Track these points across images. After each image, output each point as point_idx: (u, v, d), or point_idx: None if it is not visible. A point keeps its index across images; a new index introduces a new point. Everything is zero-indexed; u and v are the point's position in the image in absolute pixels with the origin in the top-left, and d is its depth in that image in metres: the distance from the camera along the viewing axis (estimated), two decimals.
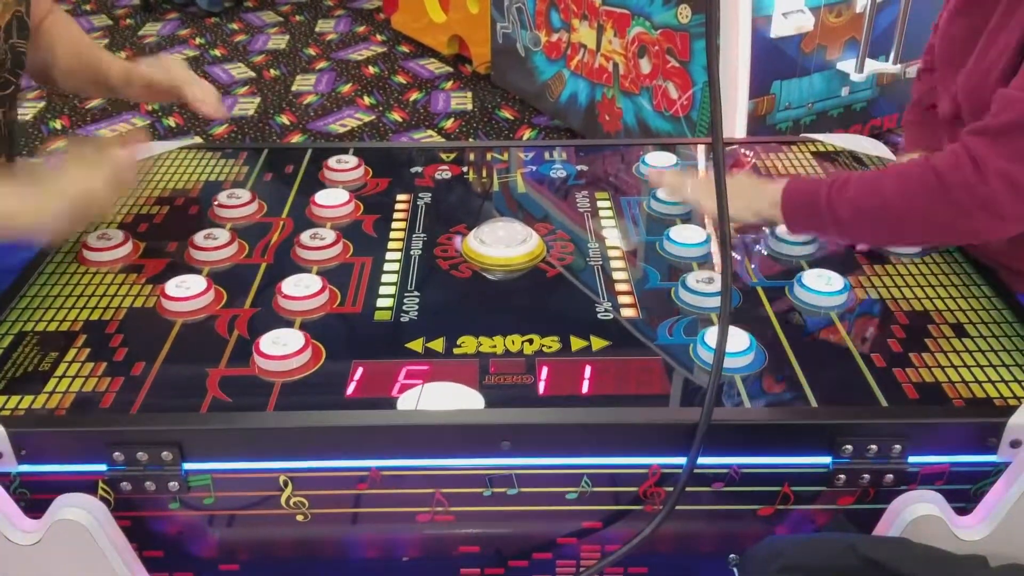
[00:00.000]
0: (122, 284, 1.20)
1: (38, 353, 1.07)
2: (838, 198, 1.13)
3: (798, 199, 1.18)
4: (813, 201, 1.16)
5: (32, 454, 0.97)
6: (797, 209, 1.18)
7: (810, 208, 1.16)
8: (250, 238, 1.30)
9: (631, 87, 2.78)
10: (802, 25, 2.49)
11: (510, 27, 3.29)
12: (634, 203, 1.41)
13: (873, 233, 1.18)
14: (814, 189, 1.16)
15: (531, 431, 0.97)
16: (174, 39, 4.26)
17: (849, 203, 1.13)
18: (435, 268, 1.24)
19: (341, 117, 3.39)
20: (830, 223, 1.15)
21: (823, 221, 1.16)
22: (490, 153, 1.59)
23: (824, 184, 1.16)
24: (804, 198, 1.17)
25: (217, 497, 1.00)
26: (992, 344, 1.07)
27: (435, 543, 1.05)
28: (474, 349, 1.08)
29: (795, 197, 1.18)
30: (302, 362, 1.04)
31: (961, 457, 0.98)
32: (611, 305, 1.16)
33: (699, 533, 1.05)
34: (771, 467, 0.99)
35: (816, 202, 1.15)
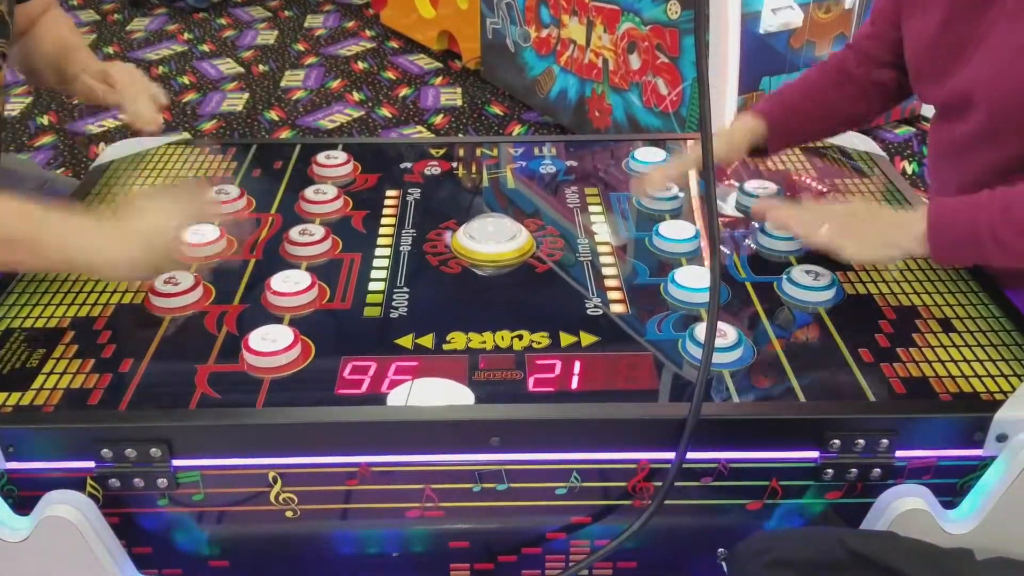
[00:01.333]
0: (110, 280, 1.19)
1: (25, 350, 1.06)
2: (1003, 226, 1.03)
3: (952, 232, 1.06)
4: (972, 232, 1.05)
5: (20, 451, 0.96)
6: (951, 242, 1.07)
7: (968, 239, 1.06)
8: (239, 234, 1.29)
9: (621, 83, 2.78)
10: (791, 21, 2.49)
11: (500, 23, 3.29)
12: (623, 199, 1.41)
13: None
14: (970, 219, 1.05)
15: (520, 427, 0.97)
16: (162, 34, 4.24)
17: (1016, 229, 1.03)
18: (425, 264, 1.24)
19: (330, 113, 3.39)
20: (993, 252, 1.05)
21: (983, 250, 1.05)
22: (480, 149, 1.59)
23: (981, 210, 1.05)
24: (959, 230, 1.06)
25: (206, 493, 1.00)
26: (979, 339, 1.08)
27: (425, 539, 1.05)
28: (464, 345, 1.08)
29: (948, 230, 1.07)
30: (291, 358, 1.04)
31: (948, 451, 0.99)
32: (600, 301, 1.16)
33: (688, 528, 1.06)
34: (759, 462, 0.99)
35: (976, 232, 1.05)
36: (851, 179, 1.46)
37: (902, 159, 2.88)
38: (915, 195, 1.41)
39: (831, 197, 1.41)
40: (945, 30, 1.20)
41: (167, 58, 3.95)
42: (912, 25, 1.26)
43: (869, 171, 1.48)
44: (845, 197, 1.40)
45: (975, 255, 1.09)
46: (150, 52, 4.02)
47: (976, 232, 1.05)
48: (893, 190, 1.42)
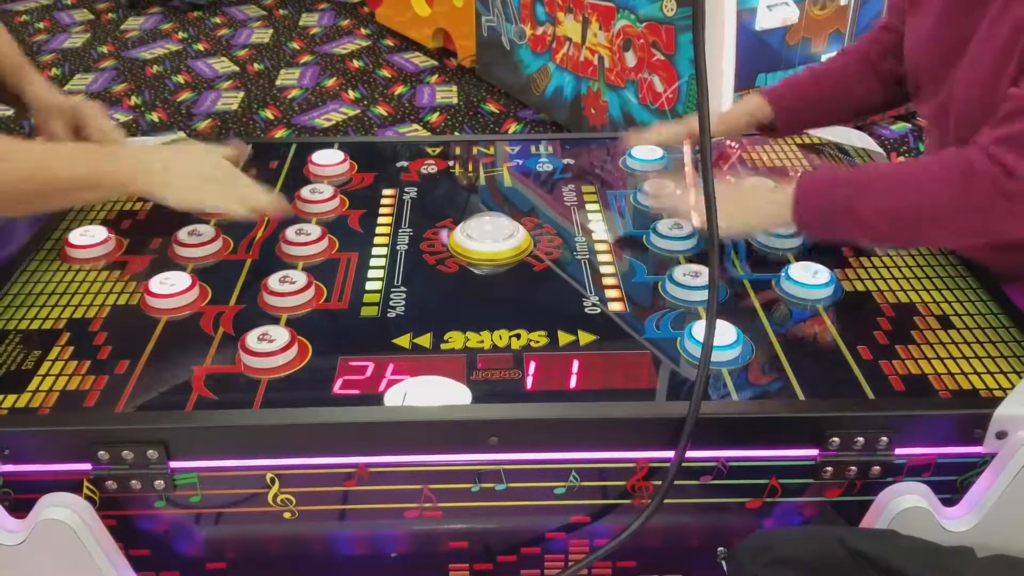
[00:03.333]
0: (105, 281, 1.19)
1: (21, 352, 1.06)
2: (859, 199, 1.08)
3: (813, 200, 1.11)
4: (830, 201, 1.10)
5: (16, 454, 0.96)
6: (812, 209, 1.11)
7: (827, 208, 1.11)
8: (235, 234, 1.29)
9: (616, 80, 2.78)
10: (787, 18, 2.49)
11: (495, 20, 3.28)
12: (621, 196, 1.41)
13: (896, 234, 1.13)
14: (831, 189, 1.11)
15: (519, 426, 0.97)
16: (156, 33, 4.23)
17: (871, 208, 1.08)
18: (422, 263, 1.24)
19: (326, 111, 3.38)
20: (848, 224, 1.10)
21: (840, 221, 1.10)
22: (476, 147, 1.58)
23: (844, 183, 1.11)
24: (820, 199, 1.11)
25: (203, 495, 1.00)
26: (978, 336, 1.08)
27: (423, 539, 1.05)
28: (461, 344, 1.07)
29: (810, 198, 1.11)
30: (288, 359, 1.04)
31: (947, 449, 0.98)
32: (598, 299, 1.16)
33: (687, 526, 1.06)
34: (759, 460, 0.99)
35: (833, 201, 1.10)
36: None
37: (898, 155, 2.88)
38: None
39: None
40: (936, 33, 1.19)
41: (162, 57, 3.95)
42: (911, 25, 1.25)
43: None
44: None
45: (834, 227, 1.12)
46: (144, 51, 4.02)
47: (834, 201, 1.09)
48: None
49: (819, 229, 1.15)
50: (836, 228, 1.13)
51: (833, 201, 1.11)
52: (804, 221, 1.12)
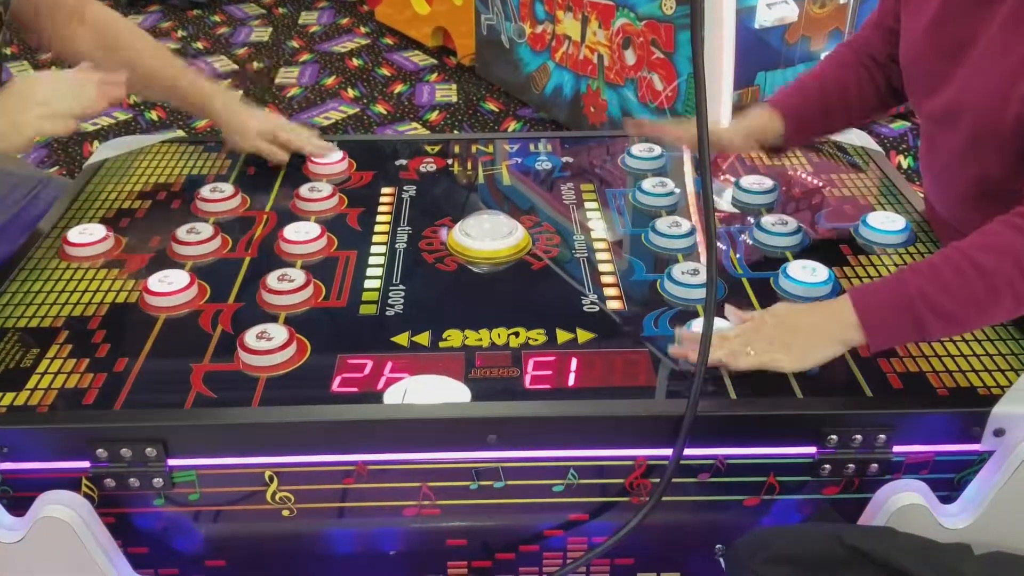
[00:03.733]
0: (104, 279, 1.19)
1: (20, 349, 1.06)
2: (934, 290, 0.97)
3: (884, 311, 0.99)
4: (906, 304, 0.98)
5: (15, 451, 0.96)
6: (885, 320, 0.99)
7: (903, 313, 0.98)
8: (233, 232, 1.29)
9: (616, 79, 2.78)
10: (786, 16, 2.49)
11: (495, 19, 3.28)
12: (619, 195, 1.41)
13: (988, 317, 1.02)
14: (898, 292, 0.98)
15: (517, 424, 0.97)
16: (156, 32, 4.22)
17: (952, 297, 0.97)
18: (420, 261, 1.24)
19: (325, 110, 3.38)
20: (931, 320, 0.97)
21: (922, 321, 0.97)
22: (475, 145, 1.58)
23: (907, 282, 0.98)
24: (891, 307, 0.98)
25: (202, 493, 1.00)
26: (976, 334, 1.07)
27: (422, 537, 1.05)
28: (460, 342, 1.07)
29: (878, 310, 0.99)
30: (287, 357, 1.04)
31: (945, 446, 0.99)
32: (597, 297, 1.16)
33: (686, 524, 1.06)
34: (757, 458, 0.99)
35: (910, 304, 0.97)
36: (847, 174, 1.45)
37: (897, 153, 2.87)
38: (911, 190, 1.41)
39: None
40: (934, 34, 1.17)
41: None
42: (906, 22, 1.24)
43: (865, 166, 1.48)
44: (839, 191, 1.40)
45: (914, 330, 0.98)
46: None
47: (910, 303, 0.97)
48: (889, 185, 1.42)
49: (893, 336, 1.00)
50: (914, 329, 0.99)
51: (907, 301, 0.97)
52: (875, 331, 0.98)
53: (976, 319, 1.02)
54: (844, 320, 0.99)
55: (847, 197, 1.39)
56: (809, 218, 1.34)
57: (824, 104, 1.34)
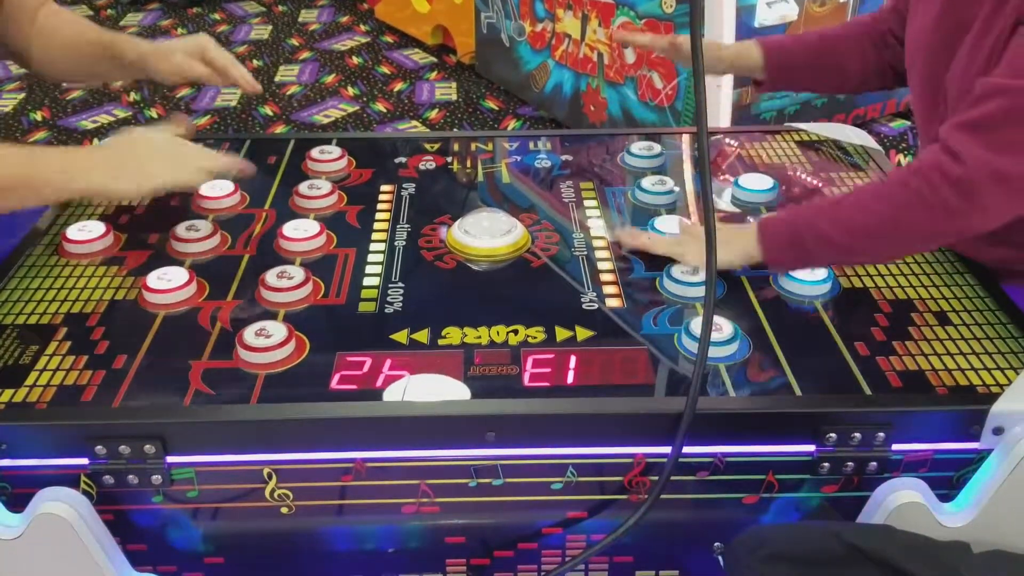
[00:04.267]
0: (103, 276, 1.19)
1: (18, 346, 1.06)
2: (823, 225, 1.09)
3: (775, 228, 1.13)
4: (792, 227, 1.12)
5: (13, 448, 0.96)
6: (776, 238, 1.13)
7: (791, 234, 1.12)
8: (233, 229, 1.29)
9: (616, 77, 2.78)
10: (786, 14, 2.49)
11: (494, 17, 3.28)
12: (619, 193, 1.41)
13: (869, 253, 1.14)
14: (791, 216, 1.15)
15: (516, 422, 0.97)
16: (155, 30, 4.22)
17: (838, 227, 1.09)
18: (419, 259, 1.24)
19: (325, 108, 3.38)
20: (818, 253, 1.12)
21: (805, 246, 1.11)
22: (475, 143, 1.58)
23: (803, 209, 1.14)
24: (781, 225, 1.13)
25: (201, 490, 1.00)
26: (975, 332, 1.08)
27: (421, 534, 1.05)
28: (459, 340, 1.07)
29: (771, 226, 1.13)
30: (286, 354, 1.04)
31: (944, 444, 0.99)
32: (596, 295, 1.16)
33: (684, 522, 1.06)
34: (756, 456, 0.99)
35: (796, 228, 1.11)
36: (846, 172, 1.45)
37: (897, 152, 2.88)
38: None
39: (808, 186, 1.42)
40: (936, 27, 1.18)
41: None
42: (914, 12, 1.25)
43: (864, 164, 1.48)
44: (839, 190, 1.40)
45: (800, 253, 1.12)
46: None
47: (796, 228, 1.11)
48: None
49: (782, 255, 1.14)
50: (800, 252, 1.12)
51: (794, 224, 1.12)
52: (765, 246, 1.12)
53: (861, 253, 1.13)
54: (749, 237, 1.14)
55: None
56: None
57: (817, 55, 1.40)
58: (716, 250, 0.94)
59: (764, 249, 1.12)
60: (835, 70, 1.41)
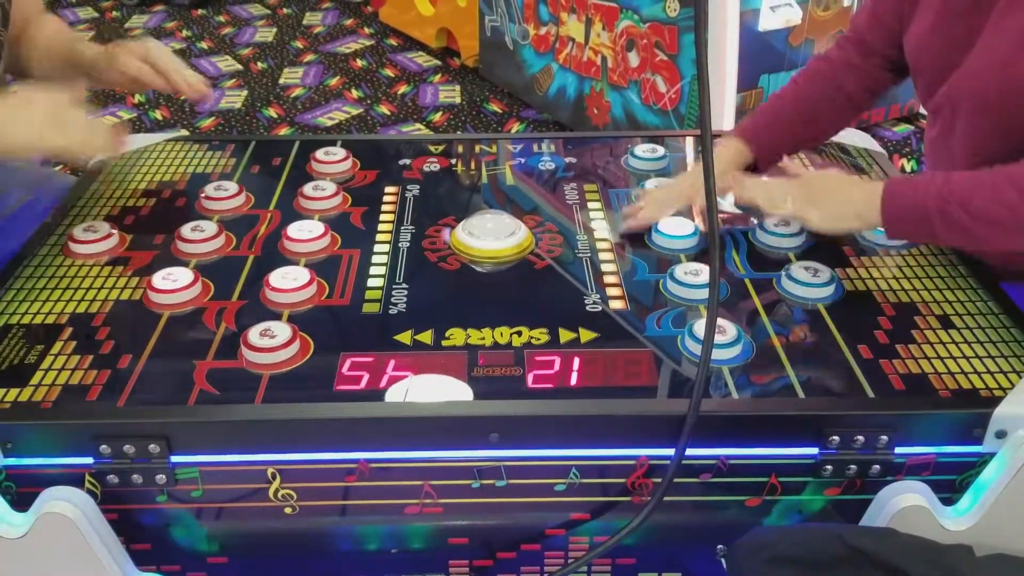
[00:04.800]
0: (108, 276, 1.19)
1: (24, 346, 1.06)
2: (954, 211, 1.06)
3: (902, 203, 1.10)
4: (921, 205, 1.08)
5: (18, 447, 0.96)
6: (902, 214, 1.10)
7: (918, 212, 1.08)
8: (237, 230, 1.29)
9: (619, 80, 2.78)
10: (790, 19, 2.49)
11: (498, 20, 3.28)
12: (623, 195, 1.41)
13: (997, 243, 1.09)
14: (920, 192, 1.09)
15: (520, 423, 0.97)
16: (160, 31, 4.23)
17: (972, 216, 1.05)
18: (423, 260, 1.24)
19: (329, 110, 3.38)
20: (940, 226, 1.08)
21: (932, 225, 1.08)
22: (479, 145, 1.59)
23: (931, 185, 1.08)
24: (908, 201, 1.09)
25: (205, 490, 1.00)
26: (978, 335, 1.08)
27: (424, 535, 1.05)
28: (463, 341, 1.08)
29: (899, 201, 1.10)
30: (290, 354, 1.04)
31: (947, 448, 0.99)
32: (599, 297, 1.16)
33: (687, 524, 1.06)
34: (759, 458, 0.99)
35: (925, 206, 1.08)
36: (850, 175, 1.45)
37: (901, 157, 2.88)
38: None
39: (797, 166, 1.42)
40: (940, 27, 1.18)
41: None
42: (911, 21, 1.24)
43: (868, 168, 1.48)
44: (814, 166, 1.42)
45: (925, 229, 1.10)
46: None
47: (925, 206, 1.08)
48: None
49: (906, 230, 1.13)
50: (924, 229, 1.09)
51: (923, 202, 1.08)
52: (891, 221, 1.11)
53: (987, 241, 1.08)
54: (872, 202, 1.10)
55: None
56: None
57: (786, 127, 1.40)
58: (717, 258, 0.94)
59: (888, 220, 1.11)
60: (810, 133, 1.43)
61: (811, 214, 1.17)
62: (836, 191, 1.18)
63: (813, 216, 1.17)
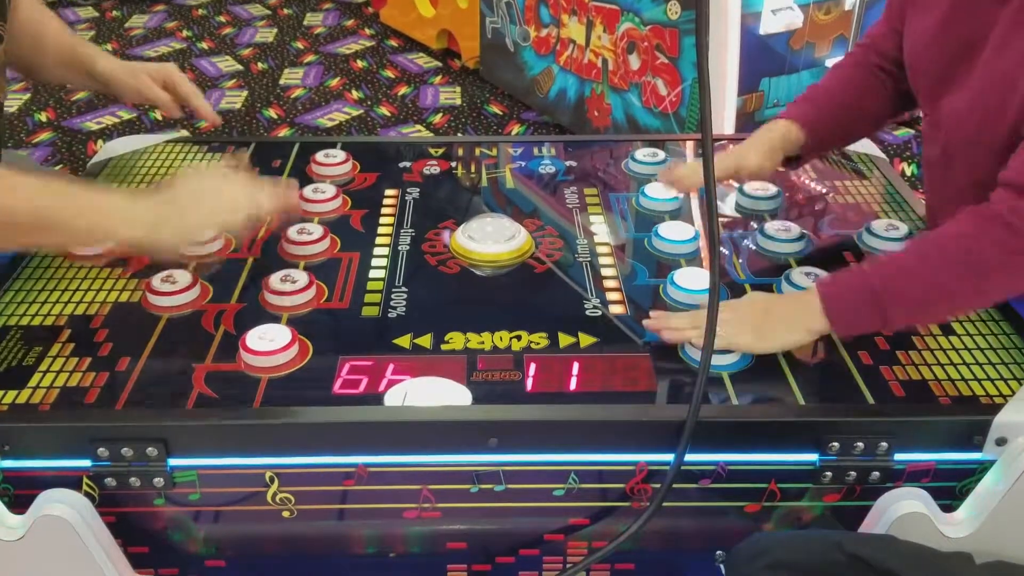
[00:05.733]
0: (107, 279, 1.19)
1: (22, 348, 1.06)
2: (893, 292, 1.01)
3: (847, 296, 1.03)
4: (867, 290, 1.01)
5: (16, 450, 0.96)
6: (848, 306, 1.02)
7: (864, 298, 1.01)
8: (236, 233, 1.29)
9: (620, 83, 2.78)
10: (791, 22, 2.49)
11: (499, 22, 3.28)
12: (623, 199, 1.41)
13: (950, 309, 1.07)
14: (861, 280, 1.03)
15: (518, 428, 0.97)
16: (160, 31, 4.23)
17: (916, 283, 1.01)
18: (423, 264, 1.24)
19: (329, 111, 3.38)
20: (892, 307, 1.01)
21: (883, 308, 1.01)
22: (479, 148, 1.59)
23: (871, 271, 1.03)
24: (854, 292, 1.02)
25: (203, 493, 1.00)
26: (978, 342, 1.07)
27: (422, 539, 1.05)
28: (462, 345, 1.07)
29: (842, 295, 1.03)
30: (289, 358, 1.04)
31: (947, 455, 0.98)
32: (599, 301, 1.16)
33: (686, 530, 1.06)
34: (758, 464, 0.99)
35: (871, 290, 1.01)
36: (851, 181, 1.45)
37: (901, 161, 2.87)
38: (914, 197, 1.40)
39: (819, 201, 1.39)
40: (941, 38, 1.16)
41: (166, 56, 3.94)
42: (912, 25, 1.24)
43: (869, 173, 1.48)
44: (843, 198, 1.40)
45: (876, 316, 1.01)
46: (149, 49, 4.02)
47: (872, 292, 1.01)
48: (892, 192, 1.42)
49: (857, 322, 1.03)
50: (876, 315, 1.02)
51: (868, 286, 1.01)
52: (838, 317, 1.02)
53: (937, 304, 1.04)
54: (811, 309, 1.03)
55: (851, 204, 1.39)
56: (812, 224, 1.34)
57: (839, 115, 1.32)
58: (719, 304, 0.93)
59: (833, 319, 1.02)
60: (859, 120, 1.35)
61: (742, 340, 1.04)
62: (769, 310, 1.07)
63: (745, 340, 1.05)
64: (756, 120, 2.59)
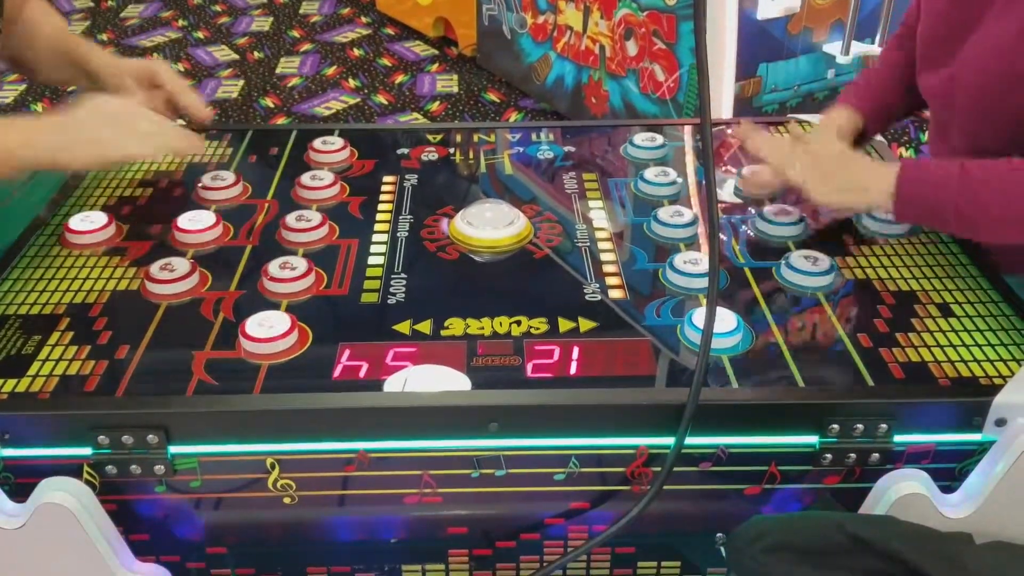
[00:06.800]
0: (106, 267, 1.19)
1: (21, 336, 1.06)
2: (968, 204, 1.06)
3: (918, 201, 1.09)
4: (938, 204, 1.08)
5: (16, 438, 0.96)
6: (916, 211, 1.10)
7: (934, 211, 1.09)
8: (235, 220, 1.29)
9: (618, 69, 2.77)
10: (789, 7, 2.48)
11: (496, 9, 3.27)
12: (621, 184, 1.40)
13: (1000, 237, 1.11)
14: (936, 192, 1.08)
15: (519, 413, 0.97)
16: (156, 21, 4.21)
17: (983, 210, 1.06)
18: (422, 250, 1.24)
19: (326, 100, 3.37)
20: (952, 227, 1.11)
21: (947, 225, 1.10)
22: (477, 135, 1.58)
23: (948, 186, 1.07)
24: (925, 200, 1.09)
25: (203, 480, 1.00)
26: (978, 324, 1.08)
27: (423, 525, 1.05)
28: (462, 331, 1.07)
29: (914, 199, 1.09)
30: (288, 345, 1.04)
31: (947, 436, 0.99)
32: (598, 287, 1.16)
33: (686, 513, 1.06)
34: (758, 447, 0.99)
35: (941, 207, 1.07)
36: None
37: (899, 145, 2.87)
38: None
39: None
40: (944, 18, 1.18)
41: (161, 45, 3.93)
42: (925, 5, 1.25)
43: None
44: None
45: (937, 221, 1.11)
46: (144, 39, 4.01)
47: (940, 201, 1.07)
48: None
49: (920, 220, 1.13)
50: (938, 224, 1.11)
51: (939, 201, 1.07)
52: (903, 213, 1.10)
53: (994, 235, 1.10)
54: (882, 187, 1.09)
55: None
56: (811, 208, 1.34)
57: (891, 99, 1.36)
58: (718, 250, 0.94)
59: (899, 209, 1.10)
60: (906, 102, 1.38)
61: (816, 185, 1.14)
62: (846, 167, 1.15)
63: (817, 188, 1.14)
64: (753, 105, 2.59)
